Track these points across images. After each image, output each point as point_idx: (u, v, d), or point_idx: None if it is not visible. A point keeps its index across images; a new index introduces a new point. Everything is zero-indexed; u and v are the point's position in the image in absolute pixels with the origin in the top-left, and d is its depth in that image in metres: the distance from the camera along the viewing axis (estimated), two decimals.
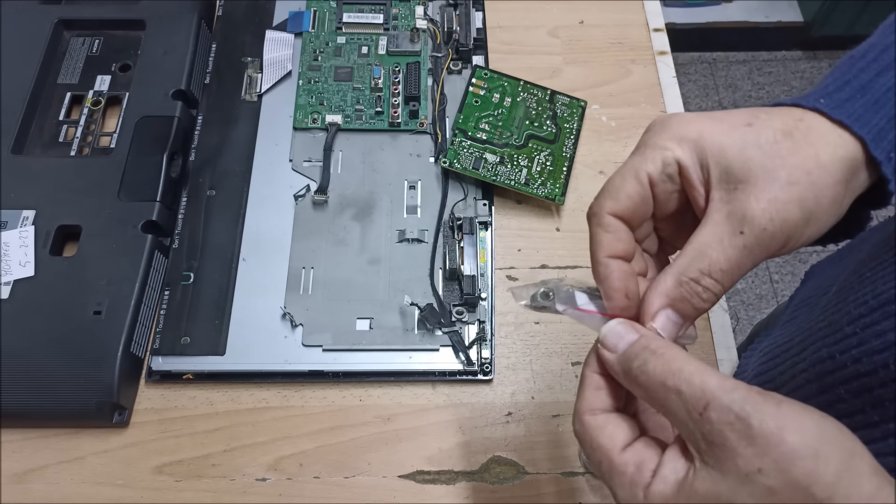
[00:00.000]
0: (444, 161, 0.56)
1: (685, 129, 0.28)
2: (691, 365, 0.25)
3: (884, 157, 0.28)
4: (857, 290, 0.35)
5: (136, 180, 0.54)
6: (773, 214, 0.26)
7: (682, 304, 0.28)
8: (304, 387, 0.50)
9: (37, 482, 0.46)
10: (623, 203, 0.28)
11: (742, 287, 1.41)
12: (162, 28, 0.61)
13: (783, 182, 0.26)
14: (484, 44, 0.64)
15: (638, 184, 0.28)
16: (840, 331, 0.35)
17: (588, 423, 0.28)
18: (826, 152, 0.27)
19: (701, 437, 0.24)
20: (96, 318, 0.48)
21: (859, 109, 0.28)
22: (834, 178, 0.27)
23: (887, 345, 0.31)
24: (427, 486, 0.47)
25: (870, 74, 0.29)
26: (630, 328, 0.28)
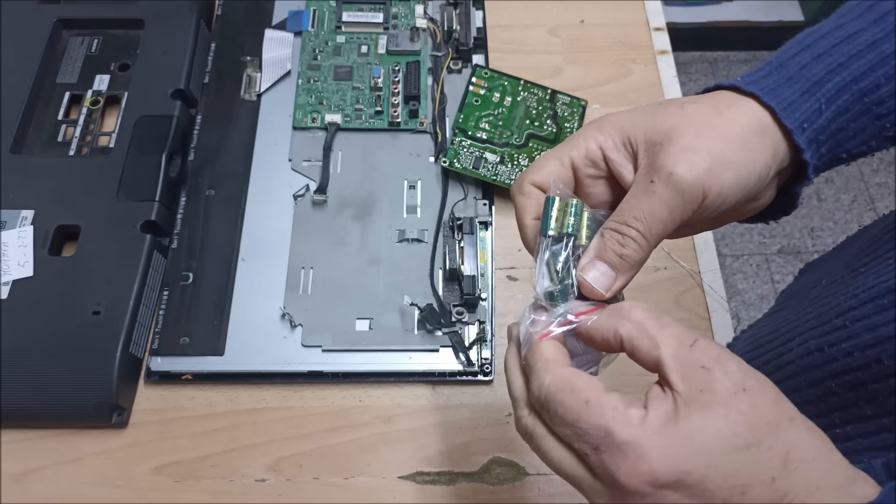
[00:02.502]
0: (444, 161, 0.56)
1: (611, 121, 0.30)
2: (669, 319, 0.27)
3: (795, 126, 0.29)
4: (849, 284, 0.35)
5: (135, 180, 0.54)
6: (678, 159, 0.28)
7: (607, 252, 0.29)
8: (304, 387, 0.50)
9: (36, 482, 0.46)
10: (543, 176, 0.30)
11: (743, 287, 1.41)
12: (161, 27, 0.61)
13: (690, 135, 0.28)
14: (484, 43, 0.64)
15: (560, 164, 0.30)
16: (829, 323, 0.35)
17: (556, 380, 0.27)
18: (734, 114, 0.29)
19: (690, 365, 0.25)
20: (95, 319, 0.48)
21: (772, 84, 0.30)
22: (742, 128, 0.29)
23: (879, 339, 0.31)
24: (427, 486, 0.47)
25: (788, 54, 0.31)
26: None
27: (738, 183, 0.28)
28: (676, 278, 0.55)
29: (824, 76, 0.30)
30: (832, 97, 0.30)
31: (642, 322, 0.26)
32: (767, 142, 0.29)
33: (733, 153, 0.28)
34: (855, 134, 0.31)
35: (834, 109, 0.30)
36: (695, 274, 0.55)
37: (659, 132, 0.29)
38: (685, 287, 0.55)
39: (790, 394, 0.36)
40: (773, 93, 0.30)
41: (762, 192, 0.30)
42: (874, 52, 0.30)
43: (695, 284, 0.55)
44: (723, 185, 0.28)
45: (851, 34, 0.30)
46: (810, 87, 0.30)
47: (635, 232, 0.28)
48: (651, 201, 0.28)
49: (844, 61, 0.30)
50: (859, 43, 0.30)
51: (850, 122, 0.30)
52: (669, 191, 0.28)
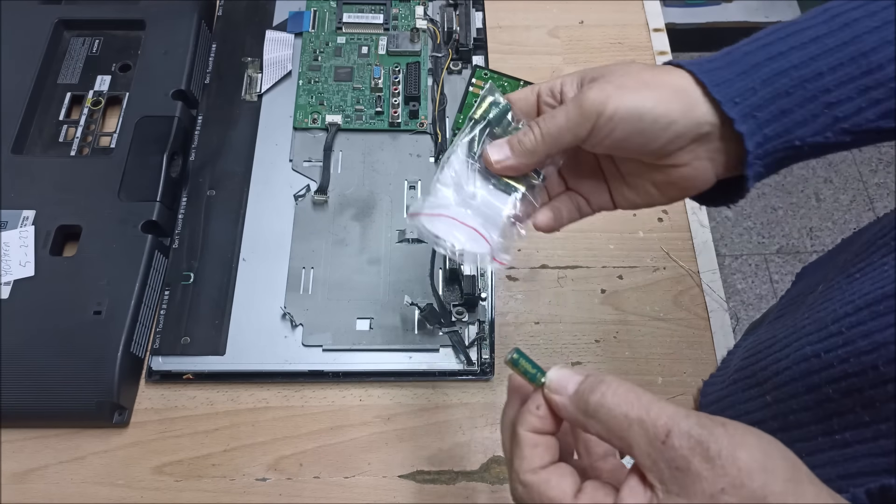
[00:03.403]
0: None
1: (581, 70, 0.36)
2: (646, 395, 0.26)
3: (724, 98, 0.32)
4: (844, 290, 0.35)
5: (136, 180, 0.54)
6: (592, 87, 0.33)
7: (512, 139, 0.35)
8: (304, 387, 0.50)
9: (37, 482, 0.46)
10: (515, 96, 0.37)
11: (742, 287, 1.41)
12: (162, 28, 0.61)
13: (615, 75, 0.33)
14: (484, 44, 0.64)
15: (530, 91, 0.37)
16: (825, 328, 0.35)
17: (532, 482, 0.28)
18: (664, 74, 0.33)
19: (665, 465, 0.25)
20: (96, 318, 0.48)
21: (712, 66, 0.33)
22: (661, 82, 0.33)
23: (875, 345, 0.31)
24: (427, 486, 0.47)
25: (738, 45, 0.34)
26: (571, 372, 0.29)
27: (632, 114, 0.32)
28: (675, 278, 0.55)
29: (763, 61, 0.32)
30: (769, 79, 0.32)
31: (608, 423, 0.26)
32: (681, 100, 0.32)
33: (638, 89, 0.32)
34: (805, 120, 0.32)
35: (772, 90, 0.32)
36: (693, 274, 0.55)
37: (599, 74, 0.34)
38: (684, 287, 0.55)
39: (787, 400, 0.36)
40: (711, 73, 0.32)
41: (671, 148, 0.33)
42: (817, 45, 0.32)
43: (694, 284, 0.55)
44: (617, 110, 0.32)
45: (798, 30, 0.33)
46: (748, 70, 0.32)
47: (537, 128, 0.34)
48: (557, 111, 0.33)
49: (785, 50, 0.32)
50: (804, 37, 0.32)
51: (795, 107, 0.32)
52: (572, 104, 0.33)
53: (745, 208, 1.49)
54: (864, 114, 0.32)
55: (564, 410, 0.28)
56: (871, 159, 1.55)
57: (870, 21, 0.32)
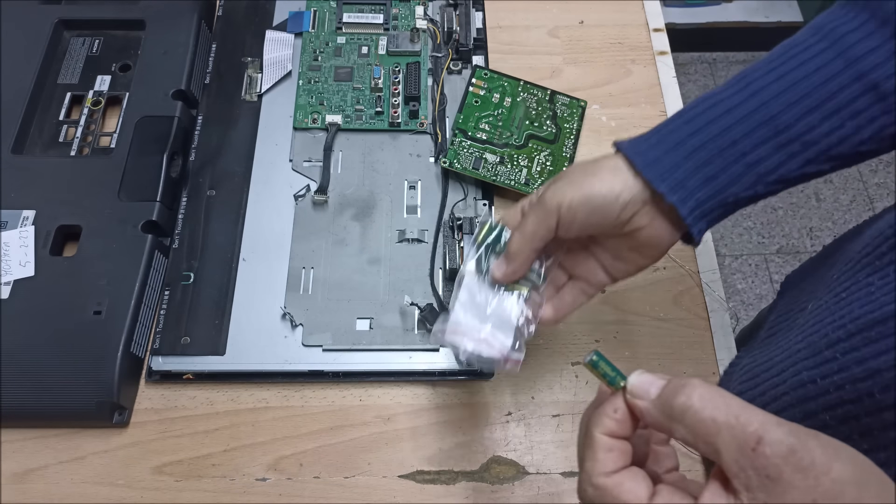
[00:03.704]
0: (444, 161, 0.56)
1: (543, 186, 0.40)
2: (734, 399, 0.26)
3: (654, 176, 0.36)
4: (834, 312, 0.36)
5: (136, 180, 0.54)
6: (549, 187, 0.38)
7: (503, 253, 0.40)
8: (304, 387, 0.50)
9: (37, 482, 0.46)
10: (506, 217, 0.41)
11: (742, 287, 1.41)
12: (162, 28, 0.61)
13: (565, 173, 0.39)
14: (484, 44, 0.64)
15: (516, 210, 0.41)
16: (819, 354, 0.35)
17: (605, 485, 0.28)
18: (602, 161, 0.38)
19: (754, 473, 0.24)
20: (96, 318, 0.48)
21: (642, 147, 0.37)
22: (600, 167, 0.37)
23: (870, 373, 0.31)
24: (427, 486, 0.47)
25: (666, 122, 0.38)
26: (653, 377, 0.29)
27: (584, 199, 0.36)
28: (675, 278, 0.55)
29: (685, 138, 0.37)
30: (692, 153, 0.36)
31: (695, 427, 0.26)
32: (619, 177, 0.37)
33: (584, 178, 0.37)
34: (732, 181, 0.36)
35: (695, 161, 0.36)
36: (693, 274, 0.55)
37: (555, 178, 0.39)
38: (684, 287, 0.55)
39: None
40: (641, 154, 0.37)
41: (624, 216, 0.37)
42: (731, 115, 0.36)
43: (694, 284, 0.55)
44: (571, 200, 0.37)
45: (716, 102, 0.37)
46: (673, 147, 0.37)
47: (517, 234, 0.39)
48: (527, 214, 0.39)
49: (703, 125, 0.36)
50: (719, 109, 0.36)
51: (719, 172, 0.36)
52: (537, 206, 0.38)
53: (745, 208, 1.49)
54: (786, 166, 0.36)
55: (648, 415, 0.28)
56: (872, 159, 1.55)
57: (776, 85, 0.35)
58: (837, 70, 0.34)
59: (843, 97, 0.34)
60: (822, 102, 0.35)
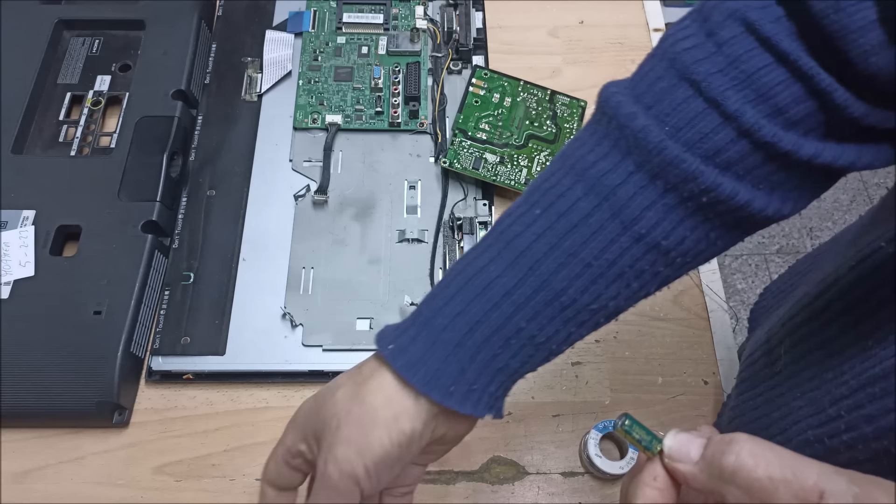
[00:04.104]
0: (444, 161, 0.56)
1: (295, 419, 0.34)
2: (787, 452, 0.24)
3: (441, 396, 0.31)
4: (832, 367, 0.34)
5: (136, 180, 0.54)
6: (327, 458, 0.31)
7: None
8: (305, 387, 0.50)
9: (37, 482, 0.46)
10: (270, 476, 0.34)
11: (742, 287, 1.41)
12: (162, 28, 0.61)
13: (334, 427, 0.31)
14: (484, 44, 0.64)
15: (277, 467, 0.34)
16: (823, 412, 0.34)
17: None
18: (372, 387, 0.31)
19: None
20: (96, 318, 0.48)
21: (416, 355, 0.31)
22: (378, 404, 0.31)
23: (882, 431, 0.30)
24: (427, 485, 0.47)
25: (433, 307, 0.32)
26: (691, 435, 0.26)
27: (383, 459, 0.30)
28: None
29: (463, 337, 0.31)
30: (475, 354, 0.31)
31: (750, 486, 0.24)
32: (402, 410, 0.31)
33: (367, 437, 0.30)
34: (525, 361, 0.32)
35: (481, 361, 0.31)
36: (693, 274, 0.55)
37: (319, 423, 0.32)
38: (684, 287, 0.55)
39: None
40: (415, 370, 0.31)
41: (423, 443, 0.32)
42: (510, 301, 0.31)
43: (693, 284, 0.55)
44: (368, 465, 0.30)
45: (489, 283, 0.31)
46: (452, 351, 0.31)
47: None
48: (321, 496, 0.31)
49: (482, 317, 0.31)
50: (495, 293, 0.31)
51: (510, 360, 0.32)
52: (328, 488, 0.30)
53: None
54: (577, 333, 0.33)
55: (694, 480, 0.26)
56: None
57: (554, 258, 0.31)
58: (615, 234, 0.31)
59: (624, 261, 0.31)
60: (605, 270, 0.31)
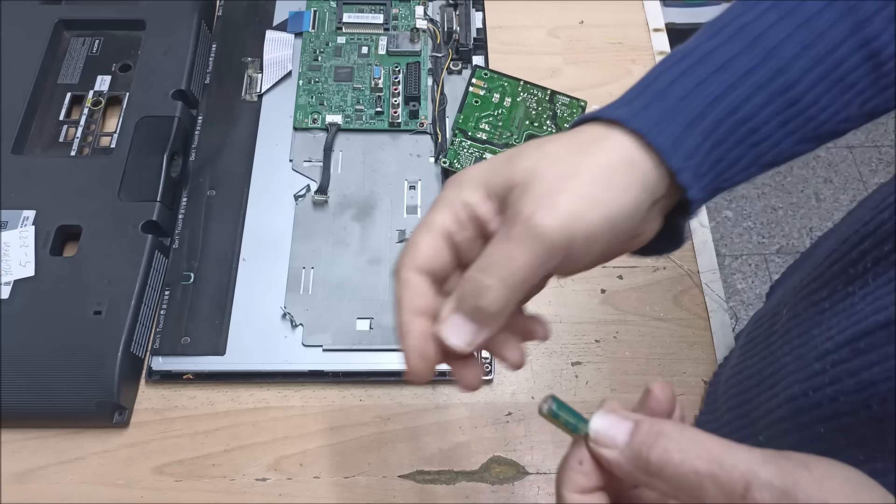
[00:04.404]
0: (445, 161, 0.56)
1: (469, 175, 0.28)
2: (715, 443, 0.23)
3: (679, 164, 0.28)
4: (820, 324, 0.35)
5: (137, 180, 0.54)
6: (539, 204, 0.25)
7: (464, 303, 0.26)
8: (304, 387, 0.50)
9: (37, 482, 0.46)
10: (421, 258, 0.28)
11: (742, 287, 1.41)
12: (162, 28, 0.61)
13: (550, 175, 0.26)
14: (484, 44, 0.64)
15: (431, 236, 0.28)
16: (809, 367, 0.34)
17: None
18: (597, 148, 0.27)
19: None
20: (96, 318, 0.48)
21: (653, 117, 0.28)
22: (607, 163, 0.27)
23: (863, 385, 0.30)
24: (427, 486, 0.47)
25: (665, 79, 0.29)
26: (618, 417, 0.25)
27: (606, 224, 0.26)
28: (675, 278, 0.55)
29: (704, 108, 0.29)
30: (711, 130, 0.29)
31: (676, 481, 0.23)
32: (635, 177, 0.27)
33: (600, 192, 0.26)
34: (733, 163, 0.30)
35: (712, 142, 0.29)
36: (693, 274, 0.55)
37: (518, 175, 0.27)
38: (684, 287, 0.55)
39: (780, 438, 0.36)
40: (658, 128, 0.28)
41: (640, 228, 0.29)
42: (749, 82, 0.29)
43: (693, 284, 0.55)
44: (589, 229, 0.26)
45: (727, 60, 0.29)
46: (692, 121, 0.28)
47: (492, 279, 0.25)
48: (510, 247, 0.25)
49: (723, 92, 0.29)
50: (735, 71, 0.29)
51: (727, 153, 0.30)
52: (530, 236, 0.25)
53: (745, 208, 1.49)
54: (781, 146, 0.31)
55: (619, 468, 0.25)
56: (871, 159, 1.55)
57: (790, 46, 0.29)
58: (845, 34, 0.29)
59: (845, 67, 0.29)
60: (830, 71, 0.29)
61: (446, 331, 0.27)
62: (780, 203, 1.49)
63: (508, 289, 0.25)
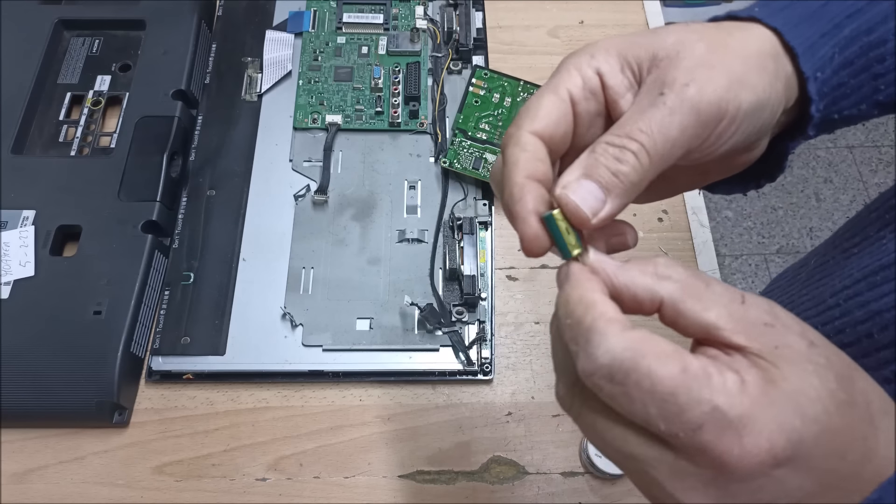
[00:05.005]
0: (444, 161, 0.56)
1: (604, 44, 0.26)
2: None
3: (811, 72, 0.26)
4: (841, 265, 0.35)
5: (136, 180, 0.54)
6: (694, 73, 0.24)
7: (598, 169, 0.23)
8: (304, 387, 0.50)
9: (37, 482, 0.46)
10: (542, 121, 0.25)
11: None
12: (162, 28, 0.61)
13: (702, 50, 0.25)
14: (484, 44, 0.64)
15: (558, 99, 0.25)
16: (823, 303, 0.35)
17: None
18: (745, 36, 0.26)
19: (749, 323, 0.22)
20: (96, 318, 0.48)
21: (793, 18, 0.26)
22: (756, 50, 0.26)
23: (870, 314, 0.31)
24: (427, 486, 0.47)
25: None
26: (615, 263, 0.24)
27: (755, 109, 0.25)
28: None
29: (842, 20, 0.27)
30: (845, 45, 0.27)
31: (685, 281, 0.22)
32: (781, 70, 0.26)
33: (752, 74, 0.24)
34: (852, 91, 0.28)
35: (841, 60, 0.27)
36: None
37: (665, 46, 0.25)
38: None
39: None
40: (796, 30, 0.26)
41: (765, 134, 0.27)
42: (890, 2, 0.27)
43: None
44: (740, 108, 0.24)
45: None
46: (830, 30, 0.27)
47: (637, 145, 0.23)
48: (661, 113, 0.23)
49: (864, 6, 0.27)
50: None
51: (850, 78, 0.28)
52: (685, 105, 0.23)
53: (745, 208, 1.49)
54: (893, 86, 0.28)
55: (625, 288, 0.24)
56: (871, 159, 1.55)
57: None
58: None
59: None
60: None
61: (573, 193, 0.23)
62: (780, 203, 1.49)
63: (652, 158, 0.23)
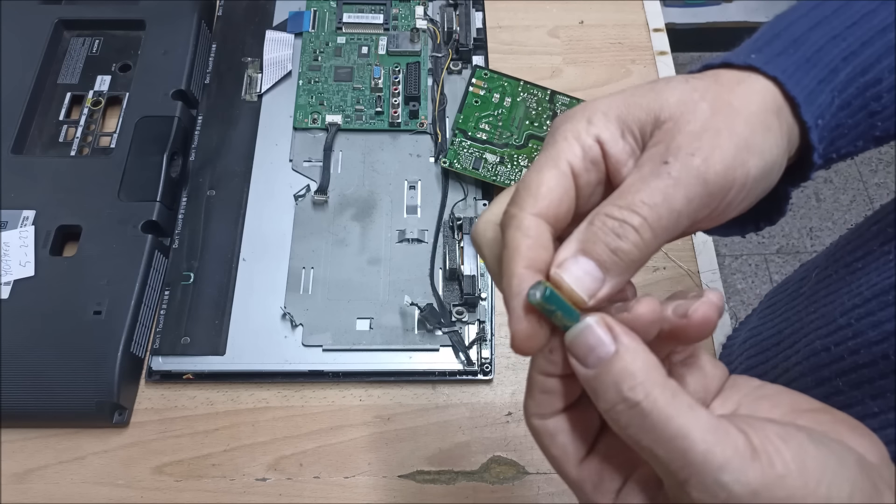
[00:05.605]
0: (444, 161, 0.56)
1: (600, 108, 0.24)
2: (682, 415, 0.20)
3: (812, 121, 0.25)
4: (850, 283, 0.35)
5: (136, 180, 0.54)
6: (699, 141, 0.22)
7: (595, 246, 0.22)
8: (304, 387, 0.50)
9: (37, 482, 0.46)
10: (545, 200, 0.23)
11: (742, 287, 1.41)
12: (162, 28, 0.61)
13: (705, 112, 0.23)
14: (484, 44, 0.64)
15: (560, 174, 0.23)
16: (833, 322, 0.35)
17: (538, 429, 0.23)
18: (745, 91, 0.25)
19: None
20: (96, 318, 0.48)
21: (791, 66, 0.25)
22: (758, 107, 0.24)
23: (885, 335, 0.31)
24: (427, 486, 0.47)
25: (801, 27, 0.27)
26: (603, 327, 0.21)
27: (763, 172, 0.23)
28: (675, 278, 0.55)
29: (839, 64, 0.26)
30: (842, 88, 0.26)
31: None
32: (784, 124, 0.25)
33: (757, 136, 0.23)
34: (849, 131, 0.28)
35: (839, 103, 0.27)
36: (693, 274, 0.55)
37: (666, 108, 0.23)
38: (684, 287, 0.55)
39: None
40: (795, 78, 0.25)
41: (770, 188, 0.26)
42: (882, 41, 0.27)
43: (693, 285, 0.55)
44: (748, 175, 0.23)
45: (865, 14, 0.27)
46: (827, 76, 0.26)
47: (639, 219, 0.21)
48: (665, 184, 0.22)
49: (857, 48, 0.27)
50: (871, 27, 0.27)
51: (848, 118, 0.27)
52: (691, 176, 0.22)
53: None
54: (892, 120, 0.28)
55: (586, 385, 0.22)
56: (871, 159, 1.55)
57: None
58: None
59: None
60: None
61: (567, 273, 0.22)
62: None
63: (656, 232, 0.22)
